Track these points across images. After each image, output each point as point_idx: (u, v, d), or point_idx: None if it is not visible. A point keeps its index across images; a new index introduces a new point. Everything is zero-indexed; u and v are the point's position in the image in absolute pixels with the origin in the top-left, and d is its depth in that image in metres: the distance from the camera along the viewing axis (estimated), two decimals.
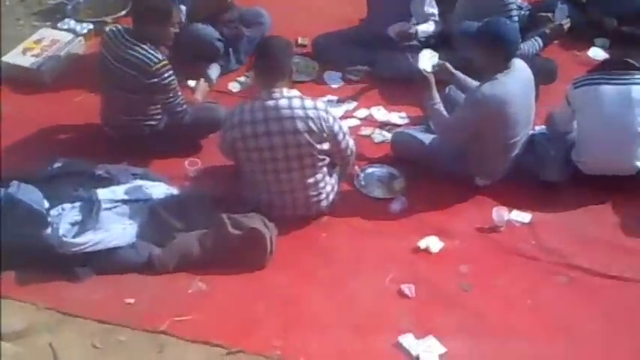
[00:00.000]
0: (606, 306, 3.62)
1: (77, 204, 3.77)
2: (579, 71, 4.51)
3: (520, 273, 3.80)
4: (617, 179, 4.16)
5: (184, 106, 4.22)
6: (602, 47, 5.31)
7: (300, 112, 3.68)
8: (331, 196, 4.00)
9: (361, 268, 3.77)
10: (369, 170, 4.34)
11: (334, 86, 5.03)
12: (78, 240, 3.58)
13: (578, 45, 5.35)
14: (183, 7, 4.75)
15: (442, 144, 4.19)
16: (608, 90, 4.07)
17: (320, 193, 3.92)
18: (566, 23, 4.71)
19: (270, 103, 3.68)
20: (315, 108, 3.72)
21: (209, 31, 4.90)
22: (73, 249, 3.56)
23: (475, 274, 3.76)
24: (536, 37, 4.66)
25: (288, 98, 3.70)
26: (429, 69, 4.21)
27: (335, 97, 4.90)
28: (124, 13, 5.39)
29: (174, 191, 4.02)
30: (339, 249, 3.89)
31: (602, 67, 4.21)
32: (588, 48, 5.32)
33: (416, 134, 4.37)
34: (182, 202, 3.90)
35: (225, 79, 5.01)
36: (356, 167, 4.28)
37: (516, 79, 4.00)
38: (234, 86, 4.99)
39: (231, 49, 5.05)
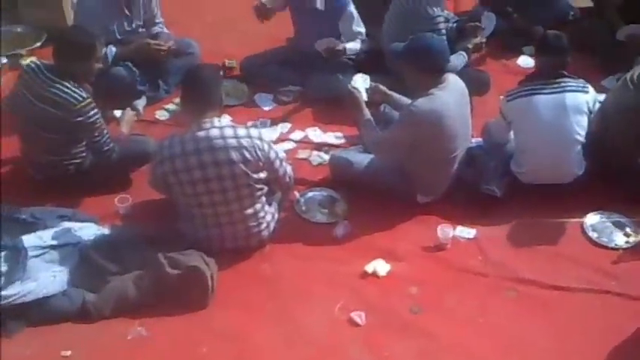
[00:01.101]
0: (556, 319, 3.58)
1: (1, 253, 3.54)
2: (511, 80, 4.54)
3: (469, 290, 3.74)
4: (557, 187, 4.16)
5: (111, 144, 4.05)
6: (531, 55, 5.34)
7: (233, 142, 3.55)
8: (272, 225, 3.88)
9: (308, 298, 3.65)
10: (310, 195, 4.23)
11: (266, 108, 4.92)
12: (5, 292, 3.37)
13: (507, 54, 5.40)
14: (113, 49, 4.61)
15: (380, 163, 4.12)
16: (542, 100, 4.07)
17: (260, 223, 3.79)
18: (481, 41, 4.85)
19: (201, 134, 3.55)
20: (249, 136, 3.59)
21: (130, 74, 4.74)
22: (1, 302, 3.34)
23: (425, 295, 3.69)
24: (461, 52, 4.70)
25: (220, 128, 3.57)
26: (363, 93, 4.17)
27: (267, 120, 4.79)
28: (39, 44, 5.15)
29: (106, 231, 3.83)
30: (283, 279, 3.76)
31: (533, 77, 4.22)
32: (518, 56, 5.35)
33: (354, 155, 4.30)
34: (114, 242, 3.72)
35: (152, 108, 4.84)
36: (296, 192, 4.17)
37: (451, 93, 3.97)
38: (162, 114, 4.84)
39: (160, 80, 4.92)
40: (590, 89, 4.17)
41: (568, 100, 4.06)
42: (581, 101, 4.08)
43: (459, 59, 4.66)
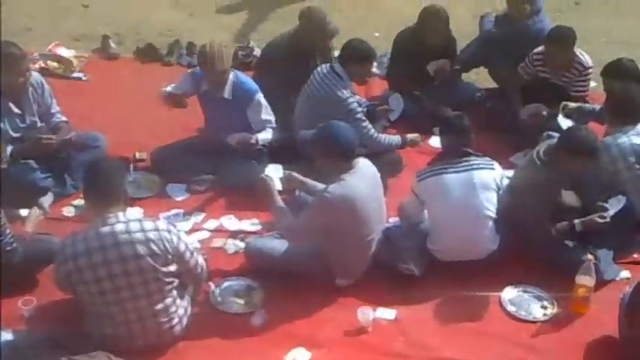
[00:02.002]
0: None
1: None
2: (423, 160, 4.62)
3: None
4: (474, 263, 4.17)
5: (14, 245, 3.86)
6: None
7: (139, 236, 3.44)
8: (185, 320, 3.72)
9: None
10: (225, 285, 4.10)
11: (179, 199, 4.83)
12: None
13: (418, 134, 5.46)
14: (9, 147, 4.49)
15: (297, 248, 4.06)
16: (451, 178, 4.13)
17: (172, 319, 3.63)
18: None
19: (106, 229, 3.43)
20: (157, 229, 3.49)
21: (30, 172, 4.61)
22: None
23: None
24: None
25: (126, 222, 3.46)
26: (277, 183, 4.18)
27: (181, 210, 4.68)
28: None
29: (9, 336, 3.64)
30: None
31: (441, 156, 4.30)
32: (429, 137, 5.44)
33: (271, 241, 4.23)
34: (18, 348, 3.52)
35: (59, 204, 4.67)
36: (211, 283, 4.04)
37: (362, 177, 4.00)
38: (69, 211, 4.67)
39: (66, 175, 4.78)
40: (497, 166, 4.27)
41: (476, 177, 4.14)
42: (488, 178, 4.17)
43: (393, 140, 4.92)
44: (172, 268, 3.55)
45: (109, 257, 3.41)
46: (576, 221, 4.16)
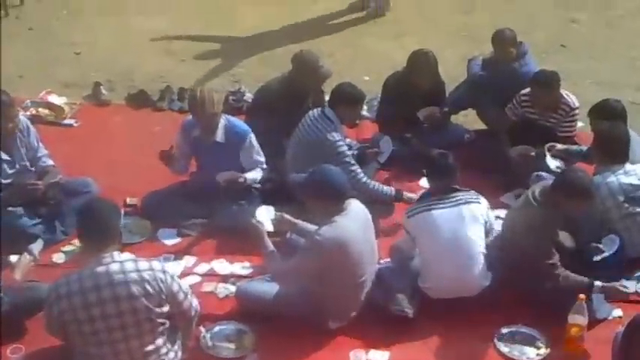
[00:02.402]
0: None
1: None
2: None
3: None
4: (466, 301, 4.15)
5: (1, 294, 3.83)
6: None
7: (134, 276, 3.42)
8: None
9: None
10: (216, 329, 4.07)
11: (170, 243, 4.81)
12: None
13: (409, 177, 5.49)
14: None
15: (289, 291, 4.05)
16: (440, 213, 4.17)
17: None
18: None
19: (101, 269, 3.41)
20: (151, 269, 3.48)
21: (18, 219, 4.61)
22: None
23: None
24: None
25: (120, 262, 3.45)
26: (268, 225, 4.18)
27: (171, 255, 4.66)
28: None
29: None
30: None
31: (429, 193, 4.34)
32: (420, 178, 5.45)
33: (262, 284, 4.21)
34: None
35: (49, 251, 4.64)
36: (201, 327, 3.99)
37: (354, 219, 4.01)
38: (59, 257, 4.64)
39: (56, 221, 4.76)
40: (483, 200, 4.32)
41: (465, 212, 4.18)
42: (476, 212, 4.22)
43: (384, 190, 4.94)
44: (165, 309, 3.52)
45: (103, 297, 3.39)
46: (597, 283, 4.09)
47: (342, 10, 7.95)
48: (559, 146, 5.13)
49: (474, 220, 4.18)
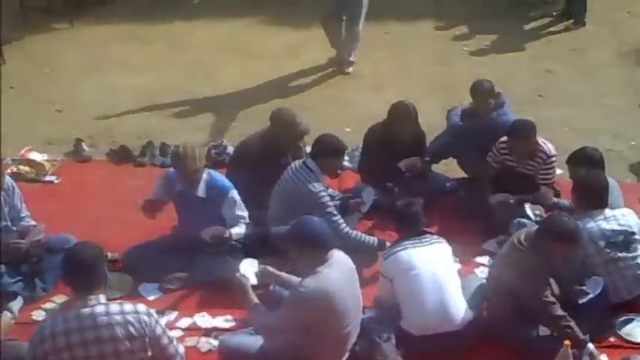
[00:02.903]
0: None
1: None
2: None
3: None
4: (447, 336, 4.17)
5: None
6: None
7: (118, 318, 3.41)
8: None
9: None
10: None
11: (151, 298, 4.76)
12: None
13: (391, 225, 5.48)
14: None
15: (273, 344, 4.00)
16: (415, 252, 4.29)
17: None
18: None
19: (86, 310, 3.41)
20: (136, 312, 3.47)
21: (1, 278, 4.57)
22: None
23: None
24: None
25: (106, 304, 3.45)
26: (252, 278, 4.17)
27: (153, 310, 4.58)
28: None
29: None
30: None
31: (402, 237, 4.45)
32: None
33: (245, 338, 4.17)
34: None
35: (29, 308, 4.58)
36: None
37: (337, 270, 4.00)
38: (39, 315, 4.58)
39: (36, 279, 4.73)
40: (444, 241, 4.47)
41: (438, 249, 4.34)
42: (446, 250, 4.42)
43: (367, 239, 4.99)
44: (149, 353, 3.47)
45: (86, 338, 3.36)
46: (590, 347, 4.08)
47: (323, 64, 8.06)
48: (554, 199, 5.23)
49: (447, 257, 4.37)
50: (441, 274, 4.26)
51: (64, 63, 8.03)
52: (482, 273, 4.50)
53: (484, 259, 4.57)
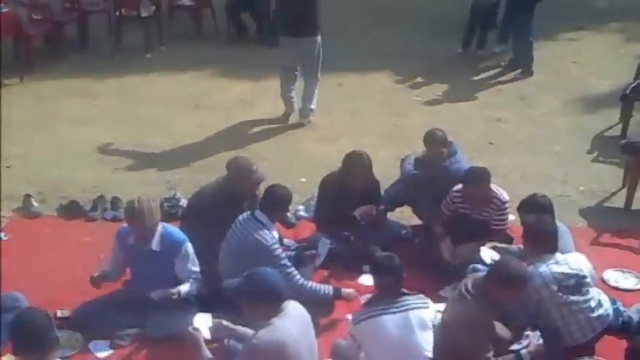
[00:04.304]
0: None
1: None
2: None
3: None
4: None
5: None
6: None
7: None
8: None
9: None
10: None
11: (102, 355, 4.63)
12: None
13: (348, 274, 5.47)
14: None
15: None
16: (388, 320, 4.12)
17: None
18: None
19: None
20: None
21: None
22: None
23: None
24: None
25: None
26: (206, 333, 4.10)
27: None
28: None
29: None
30: None
31: (377, 297, 4.31)
32: (359, 276, 5.44)
33: None
34: None
35: None
36: None
37: (292, 320, 3.94)
38: None
39: None
40: (430, 303, 4.31)
41: (413, 318, 4.15)
42: (424, 317, 4.19)
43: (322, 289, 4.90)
44: None
45: None
46: (524, 352, 4.13)
47: (278, 115, 8.09)
48: (499, 245, 5.26)
49: (422, 326, 4.15)
50: (413, 345, 4.09)
51: (13, 118, 7.91)
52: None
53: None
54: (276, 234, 4.96)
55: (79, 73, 9.15)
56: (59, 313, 4.88)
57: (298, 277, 4.85)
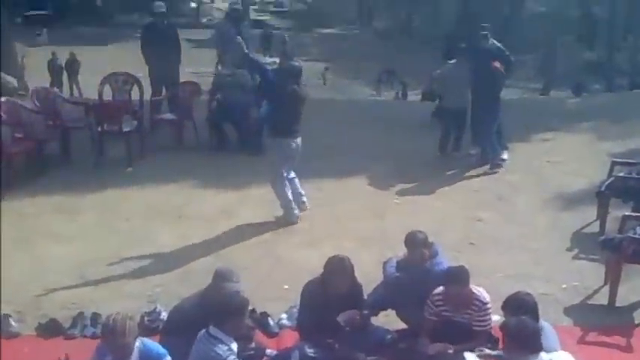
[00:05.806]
0: None
1: None
2: None
3: None
4: None
5: None
6: None
7: None
8: None
9: None
10: None
11: None
12: None
13: None
14: None
15: None
16: None
17: None
18: None
19: None
20: None
21: None
22: None
23: None
24: None
25: None
26: None
27: None
28: None
29: None
30: None
31: None
32: None
33: None
34: None
35: None
36: None
37: None
38: None
39: None
40: None
41: None
42: None
43: None
44: None
45: None
46: None
47: (258, 223, 8.11)
48: (487, 351, 5.20)
49: None
50: None
51: None
52: None
53: None
54: (234, 345, 4.85)
55: (60, 189, 9.17)
56: None
57: None
